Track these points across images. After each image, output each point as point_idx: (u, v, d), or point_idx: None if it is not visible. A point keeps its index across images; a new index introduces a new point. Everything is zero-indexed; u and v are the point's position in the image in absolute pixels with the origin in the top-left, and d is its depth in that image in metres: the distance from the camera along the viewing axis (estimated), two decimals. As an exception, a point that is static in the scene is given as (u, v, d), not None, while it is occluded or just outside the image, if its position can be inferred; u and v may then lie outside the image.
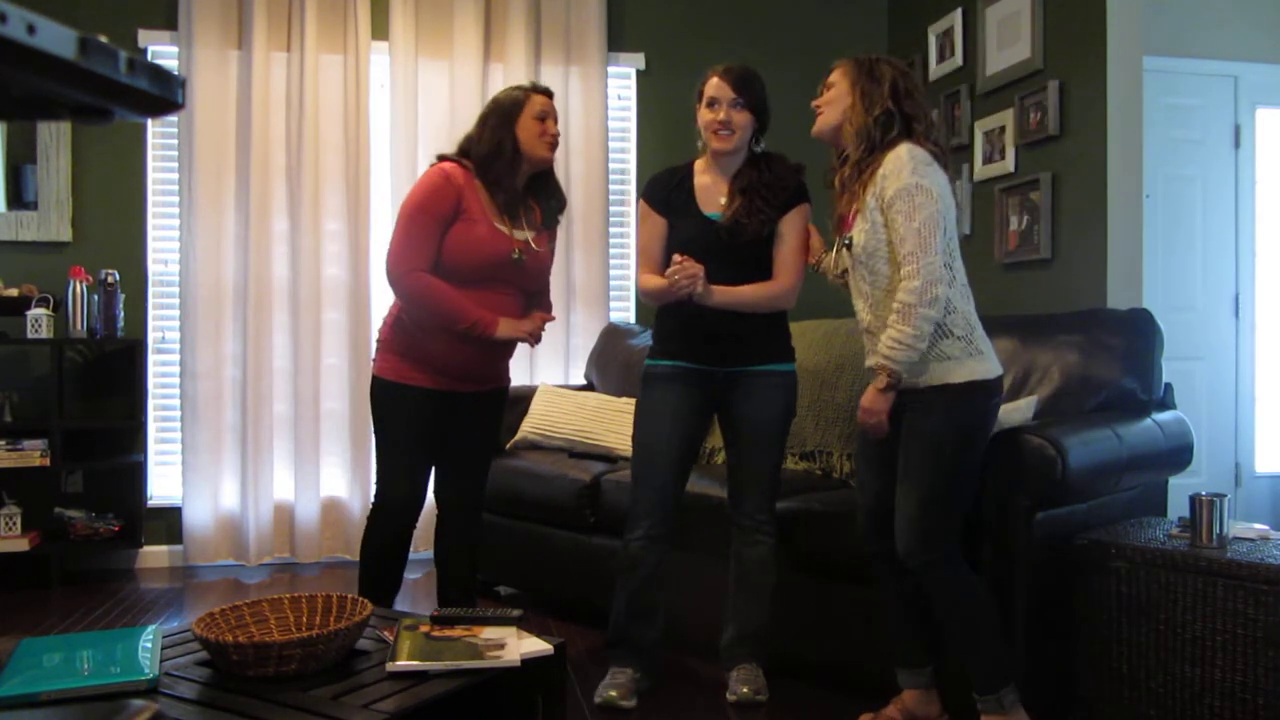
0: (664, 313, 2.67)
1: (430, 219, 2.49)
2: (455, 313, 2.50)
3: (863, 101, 2.25)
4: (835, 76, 2.35)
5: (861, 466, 2.46)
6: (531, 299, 2.70)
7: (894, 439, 2.29)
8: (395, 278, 2.51)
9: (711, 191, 2.62)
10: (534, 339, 2.63)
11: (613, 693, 2.55)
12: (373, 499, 2.68)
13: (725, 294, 2.54)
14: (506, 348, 2.69)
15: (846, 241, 2.31)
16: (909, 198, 2.16)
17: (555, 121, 2.62)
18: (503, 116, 2.57)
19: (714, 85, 2.57)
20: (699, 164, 2.68)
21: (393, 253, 2.52)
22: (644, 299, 2.73)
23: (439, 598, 2.80)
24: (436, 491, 2.75)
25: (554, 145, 2.62)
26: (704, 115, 2.58)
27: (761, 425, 2.62)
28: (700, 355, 2.60)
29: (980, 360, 2.24)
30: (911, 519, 2.21)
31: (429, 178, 2.54)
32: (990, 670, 2.22)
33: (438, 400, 2.60)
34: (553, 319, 2.73)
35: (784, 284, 2.60)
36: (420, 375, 2.57)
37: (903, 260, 2.17)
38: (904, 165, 2.18)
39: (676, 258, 2.51)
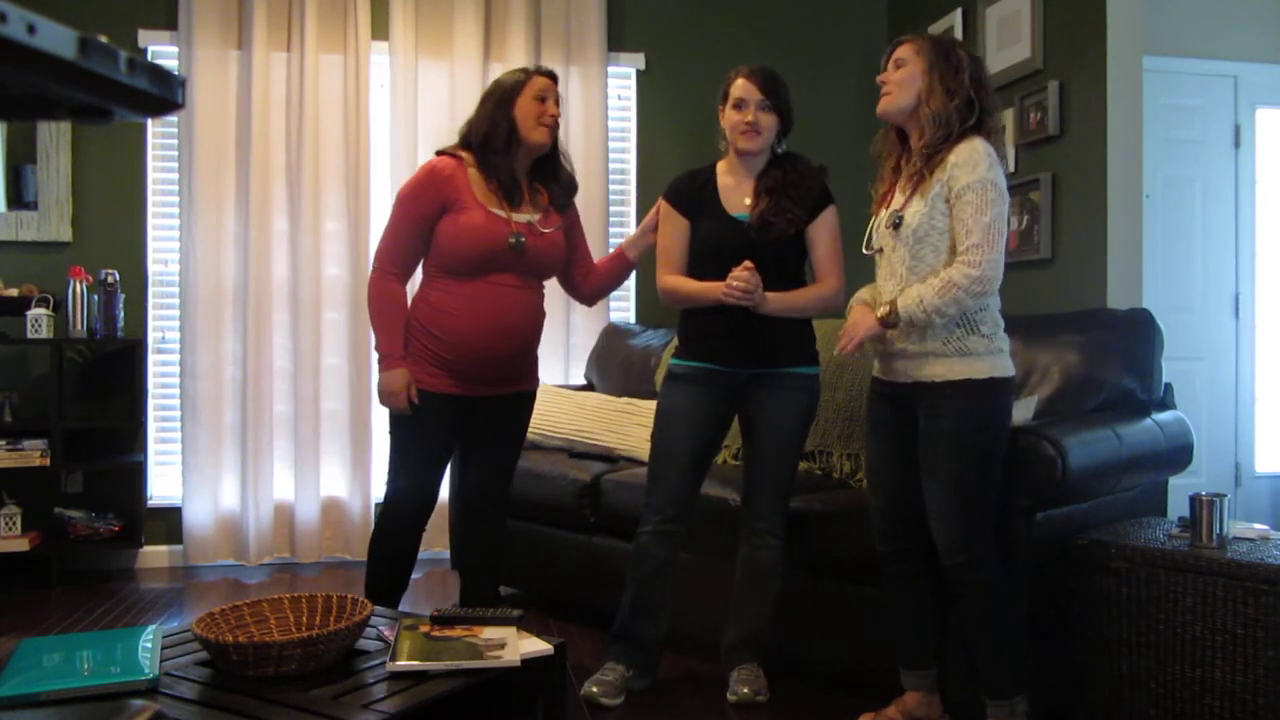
0: (689, 313, 2.66)
1: (411, 215, 2.54)
2: (379, 332, 2.56)
3: (943, 86, 2.19)
4: (906, 54, 2.27)
5: (873, 465, 2.43)
6: (545, 280, 2.68)
7: (909, 435, 2.28)
8: (371, 270, 2.61)
9: (735, 192, 2.62)
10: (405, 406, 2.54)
11: (595, 689, 2.55)
12: (382, 499, 2.66)
13: (780, 300, 2.52)
14: (524, 351, 2.63)
15: (897, 220, 2.26)
16: (982, 192, 2.14)
17: (556, 103, 2.58)
18: (502, 97, 2.55)
19: (741, 86, 2.57)
20: (721, 165, 2.68)
21: (379, 245, 2.60)
22: (667, 301, 2.70)
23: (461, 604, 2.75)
24: (457, 495, 2.71)
25: (553, 128, 2.57)
26: (730, 116, 2.58)
27: (779, 428, 2.61)
28: (724, 357, 2.58)
29: (1000, 358, 2.24)
30: (947, 515, 2.20)
31: (417, 173, 2.59)
32: (1007, 677, 2.21)
33: (454, 405, 2.56)
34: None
35: (833, 285, 2.61)
36: (437, 380, 2.54)
37: (966, 250, 2.15)
38: (981, 158, 2.16)
39: (743, 266, 2.47)
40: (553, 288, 4.32)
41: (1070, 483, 2.34)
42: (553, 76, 2.61)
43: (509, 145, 2.52)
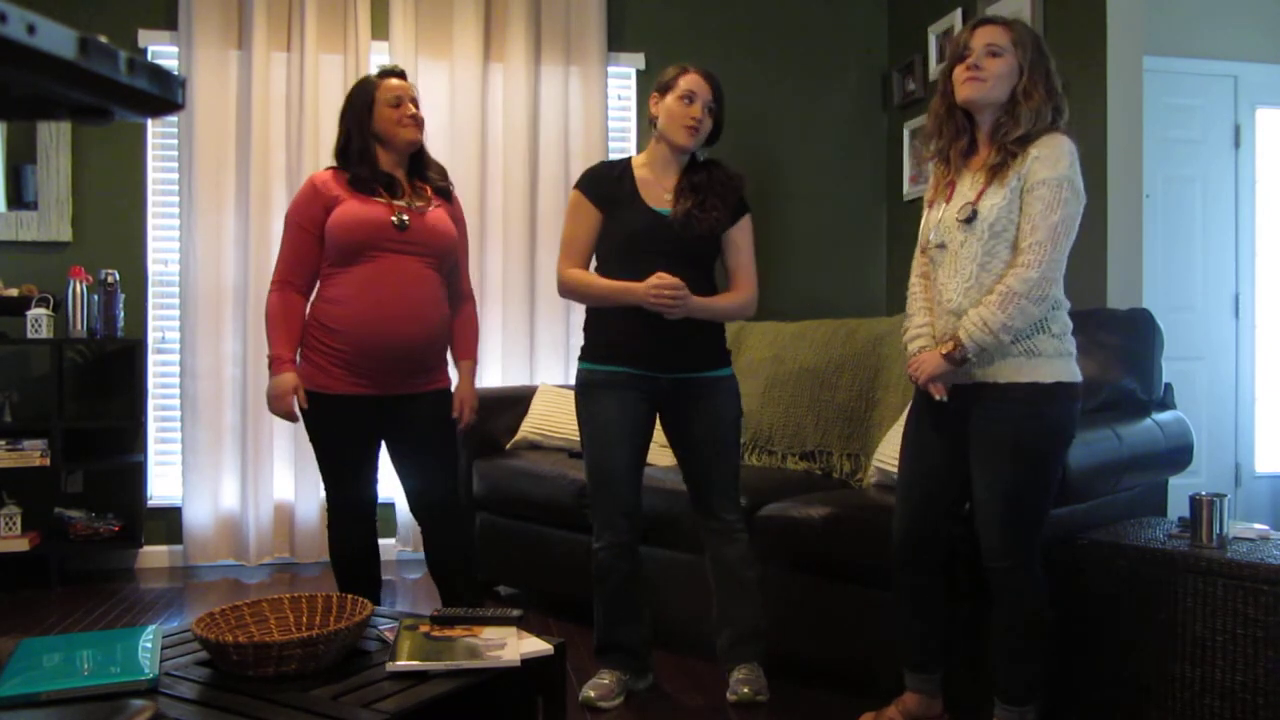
0: (602, 314, 2.60)
1: (299, 225, 2.55)
2: (270, 338, 2.55)
3: (1045, 81, 2.14)
4: (1003, 42, 2.15)
5: (909, 476, 2.33)
6: (445, 272, 2.64)
7: (956, 443, 2.22)
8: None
9: (654, 187, 2.59)
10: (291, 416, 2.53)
11: (591, 693, 2.55)
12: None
13: (703, 306, 2.51)
14: (427, 336, 2.56)
15: (971, 213, 2.14)
16: (1058, 189, 2.07)
17: (414, 102, 2.59)
18: (356, 113, 2.57)
19: (695, 80, 2.55)
20: (638, 159, 2.67)
21: (275, 265, 2.61)
22: (567, 295, 2.65)
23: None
24: (409, 504, 2.72)
25: (417, 125, 2.58)
26: (675, 106, 2.54)
27: (719, 432, 2.59)
28: (644, 361, 2.54)
29: (1069, 362, 2.16)
30: (995, 521, 2.14)
31: (300, 190, 2.61)
32: (1027, 685, 2.18)
33: (363, 406, 2.53)
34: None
35: (749, 293, 2.63)
36: (338, 382, 2.51)
37: (1026, 248, 2.08)
38: (1064, 155, 2.09)
39: (659, 278, 2.44)
40: (549, 288, 4.36)
41: (1070, 483, 2.34)
42: (402, 75, 2.62)
43: (368, 155, 2.55)
